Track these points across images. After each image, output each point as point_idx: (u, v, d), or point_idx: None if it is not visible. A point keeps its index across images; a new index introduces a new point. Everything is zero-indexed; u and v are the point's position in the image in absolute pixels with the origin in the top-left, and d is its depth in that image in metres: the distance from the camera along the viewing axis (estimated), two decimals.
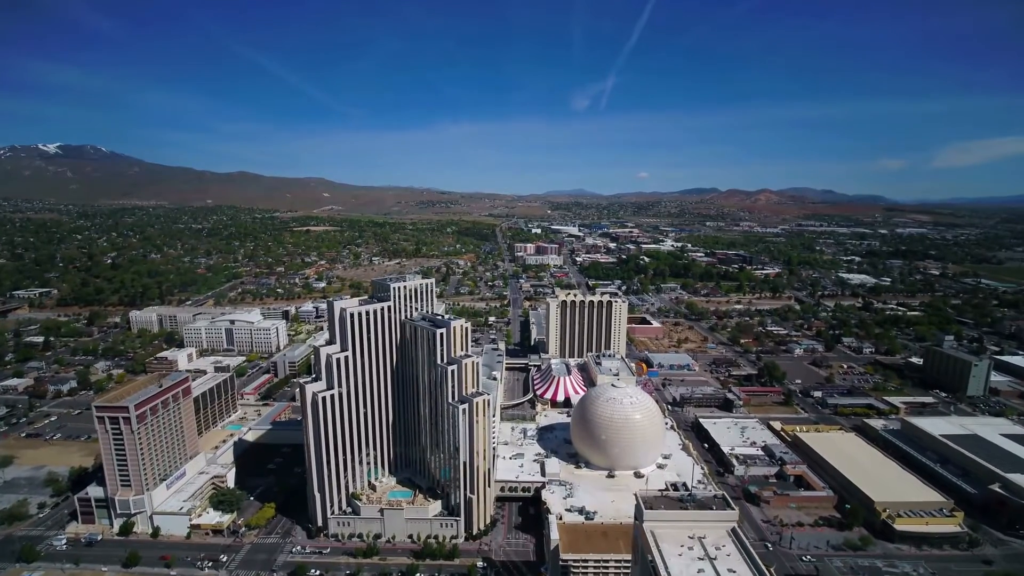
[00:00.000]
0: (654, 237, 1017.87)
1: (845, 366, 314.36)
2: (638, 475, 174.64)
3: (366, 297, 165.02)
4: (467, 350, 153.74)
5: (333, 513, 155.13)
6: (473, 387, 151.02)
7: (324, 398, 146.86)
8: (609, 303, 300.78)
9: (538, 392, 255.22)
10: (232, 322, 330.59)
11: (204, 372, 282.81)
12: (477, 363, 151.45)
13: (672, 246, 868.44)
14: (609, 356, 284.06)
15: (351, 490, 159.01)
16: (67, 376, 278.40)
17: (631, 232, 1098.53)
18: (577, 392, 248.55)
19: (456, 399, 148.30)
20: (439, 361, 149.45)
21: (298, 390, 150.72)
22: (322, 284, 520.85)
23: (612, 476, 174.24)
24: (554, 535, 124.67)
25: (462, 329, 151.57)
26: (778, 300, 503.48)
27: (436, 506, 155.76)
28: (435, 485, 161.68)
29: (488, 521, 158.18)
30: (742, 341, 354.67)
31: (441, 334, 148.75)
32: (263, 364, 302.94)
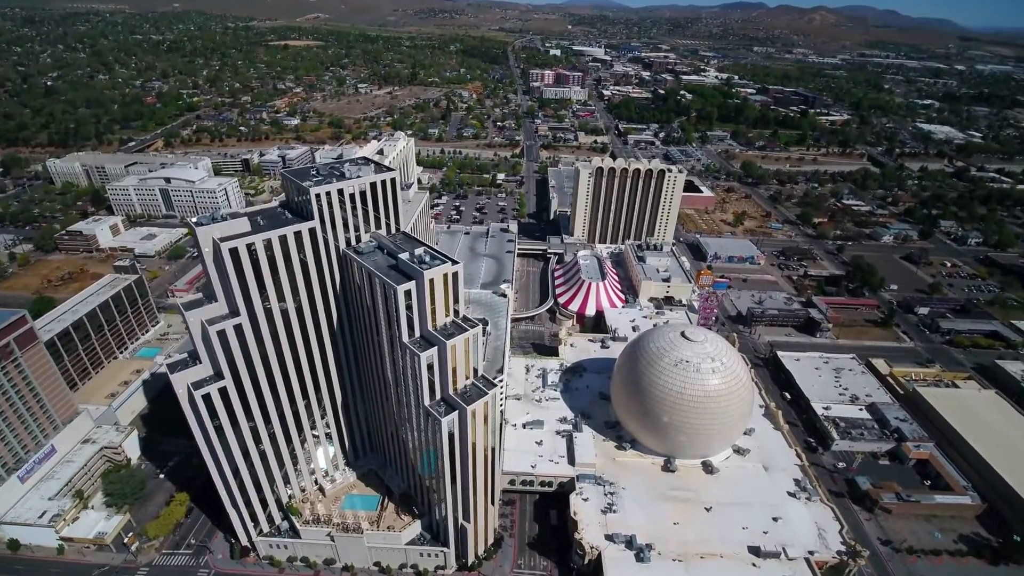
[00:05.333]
0: (694, 65, 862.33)
1: (948, 263, 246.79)
2: (708, 468, 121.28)
3: (274, 204, 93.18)
4: (456, 313, 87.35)
5: (261, 533, 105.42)
6: (467, 376, 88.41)
7: (208, 395, 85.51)
8: (660, 174, 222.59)
9: (561, 301, 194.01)
10: (167, 180, 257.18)
11: (131, 252, 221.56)
12: (476, 337, 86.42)
13: (716, 78, 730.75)
14: (655, 248, 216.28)
15: (286, 501, 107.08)
16: None
17: (666, 58, 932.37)
18: (613, 305, 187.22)
19: (437, 402, 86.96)
20: (405, 337, 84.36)
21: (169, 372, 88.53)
22: (295, 121, 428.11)
23: (670, 469, 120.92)
24: None
25: (446, 281, 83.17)
26: (849, 159, 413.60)
27: (414, 527, 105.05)
28: (412, 491, 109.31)
29: (490, 542, 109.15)
30: (815, 221, 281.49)
31: (408, 292, 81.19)
32: None
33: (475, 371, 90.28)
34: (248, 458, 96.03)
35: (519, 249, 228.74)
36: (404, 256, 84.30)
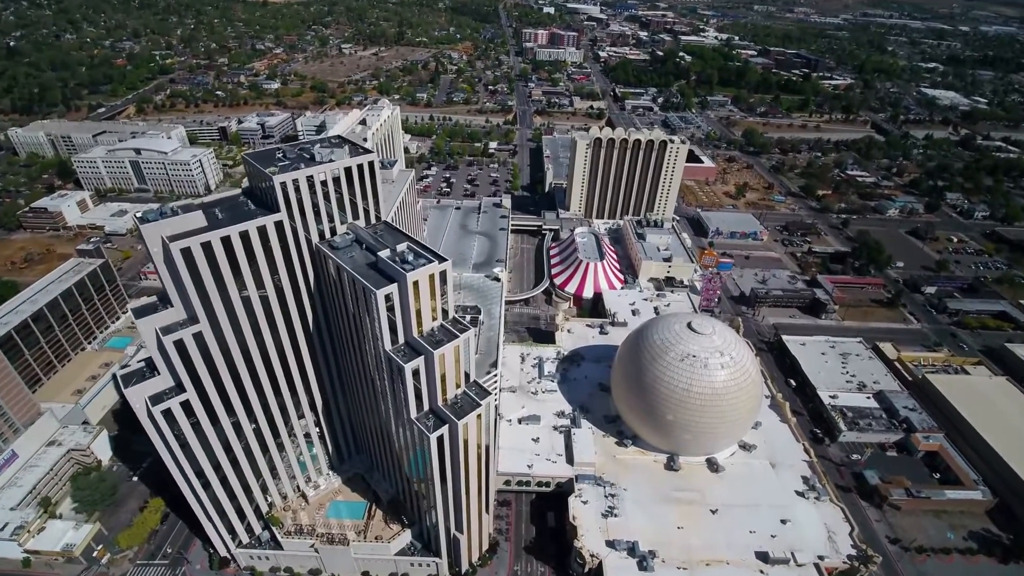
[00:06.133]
0: (692, 24, 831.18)
1: (955, 239, 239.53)
2: (713, 466, 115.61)
3: (235, 192, 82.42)
4: (445, 315, 78.45)
5: (240, 544, 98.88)
6: (458, 385, 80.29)
7: (169, 410, 76.93)
8: (662, 145, 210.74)
9: (557, 282, 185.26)
10: (138, 151, 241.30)
11: (101, 230, 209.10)
12: (467, 341, 77.88)
13: (716, 38, 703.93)
14: (655, 225, 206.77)
15: (266, 510, 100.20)
16: None
17: (664, 16, 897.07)
18: (612, 287, 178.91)
19: (424, 414, 78.98)
20: (387, 345, 75.52)
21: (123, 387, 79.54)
22: (275, 85, 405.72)
23: (674, 468, 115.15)
24: None
25: (432, 282, 73.84)
26: (853, 126, 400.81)
27: (404, 537, 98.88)
28: (401, 496, 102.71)
29: (485, 548, 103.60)
30: (819, 193, 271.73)
31: (388, 296, 71.91)
32: None
33: (467, 377, 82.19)
34: (219, 470, 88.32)
35: (512, 225, 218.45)
36: (384, 254, 74.48)
